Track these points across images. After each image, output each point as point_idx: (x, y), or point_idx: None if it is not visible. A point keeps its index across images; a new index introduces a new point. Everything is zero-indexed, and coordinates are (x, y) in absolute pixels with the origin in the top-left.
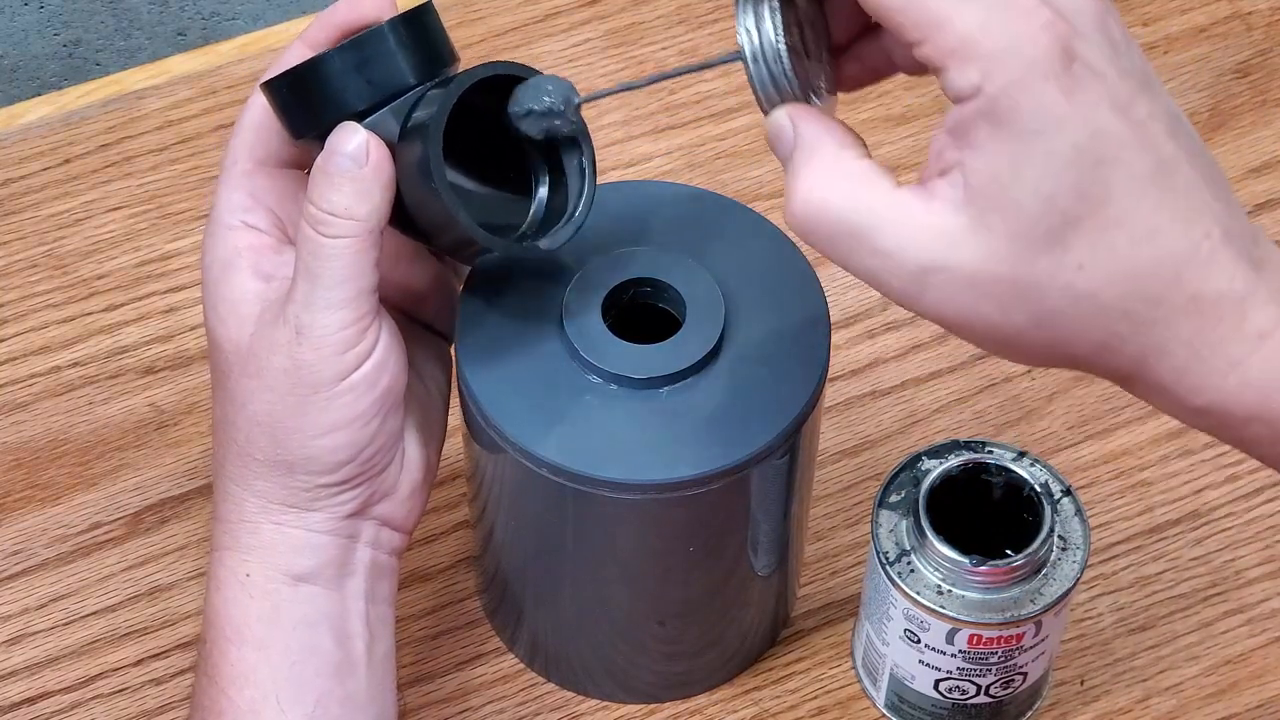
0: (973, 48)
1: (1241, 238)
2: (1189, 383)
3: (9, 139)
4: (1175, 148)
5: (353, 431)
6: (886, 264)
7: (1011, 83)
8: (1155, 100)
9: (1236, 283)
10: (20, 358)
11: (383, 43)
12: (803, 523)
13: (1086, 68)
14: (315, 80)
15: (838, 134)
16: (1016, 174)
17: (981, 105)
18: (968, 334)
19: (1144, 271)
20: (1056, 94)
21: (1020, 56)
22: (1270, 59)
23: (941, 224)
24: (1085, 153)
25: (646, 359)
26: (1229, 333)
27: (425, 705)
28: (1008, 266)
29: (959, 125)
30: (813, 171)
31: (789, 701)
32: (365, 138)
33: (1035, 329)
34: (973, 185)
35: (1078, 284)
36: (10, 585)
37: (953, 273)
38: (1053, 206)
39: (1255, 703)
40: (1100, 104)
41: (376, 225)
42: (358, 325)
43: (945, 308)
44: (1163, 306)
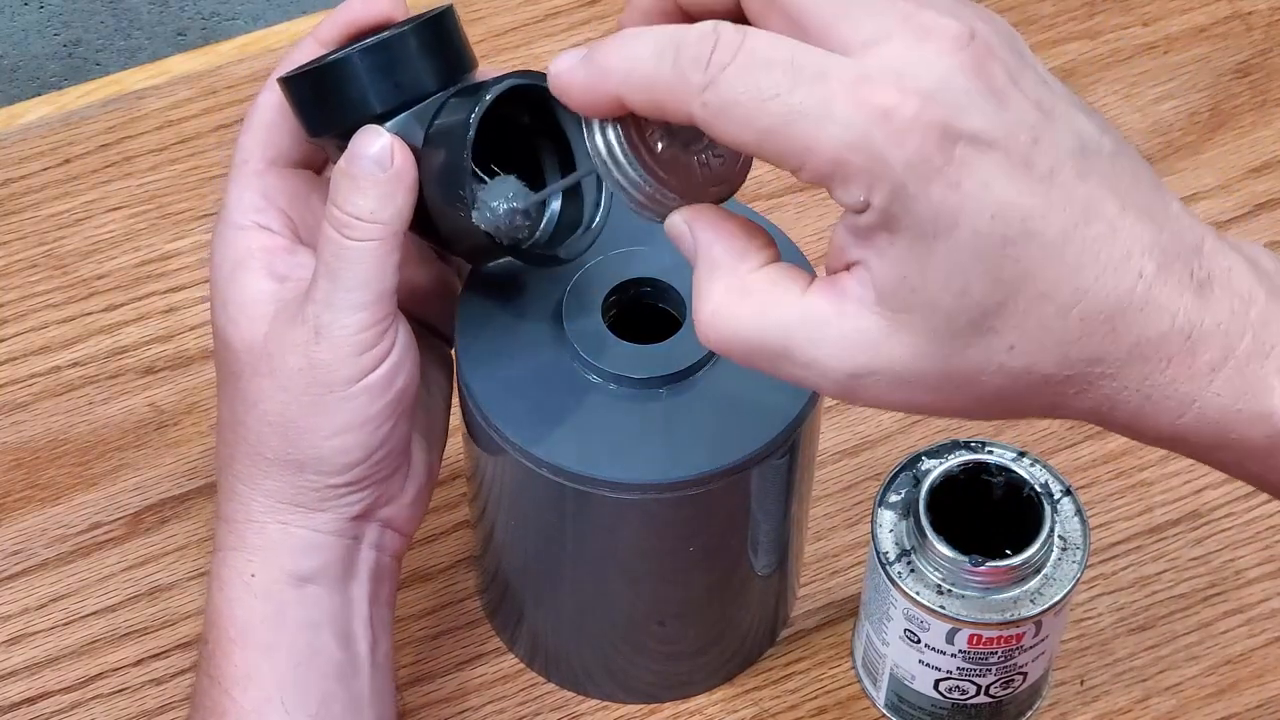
0: (846, 167)
1: (1182, 257)
2: (1146, 424)
3: (9, 139)
4: (1089, 188)
5: (365, 433)
6: (811, 375)
7: (895, 192)
8: (1058, 141)
9: (1179, 318)
10: (20, 358)
11: (409, 46)
12: (803, 523)
13: (970, 144)
14: (338, 80)
15: (736, 240)
16: (924, 276)
17: (873, 219)
18: (912, 413)
19: (1077, 335)
20: (944, 190)
21: (895, 165)
22: (1270, 59)
23: (859, 329)
24: (989, 239)
25: (646, 359)
26: (1179, 373)
27: (425, 705)
28: (935, 363)
29: (857, 230)
30: (714, 290)
31: (789, 701)
32: (389, 141)
33: (980, 407)
34: (882, 288)
35: (1011, 363)
36: (10, 585)
37: (880, 374)
38: (969, 300)
39: (1255, 703)
40: (994, 180)
41: (400, 228)
42: (377, 327)
43: (882, 401)
44: (1104, 362)
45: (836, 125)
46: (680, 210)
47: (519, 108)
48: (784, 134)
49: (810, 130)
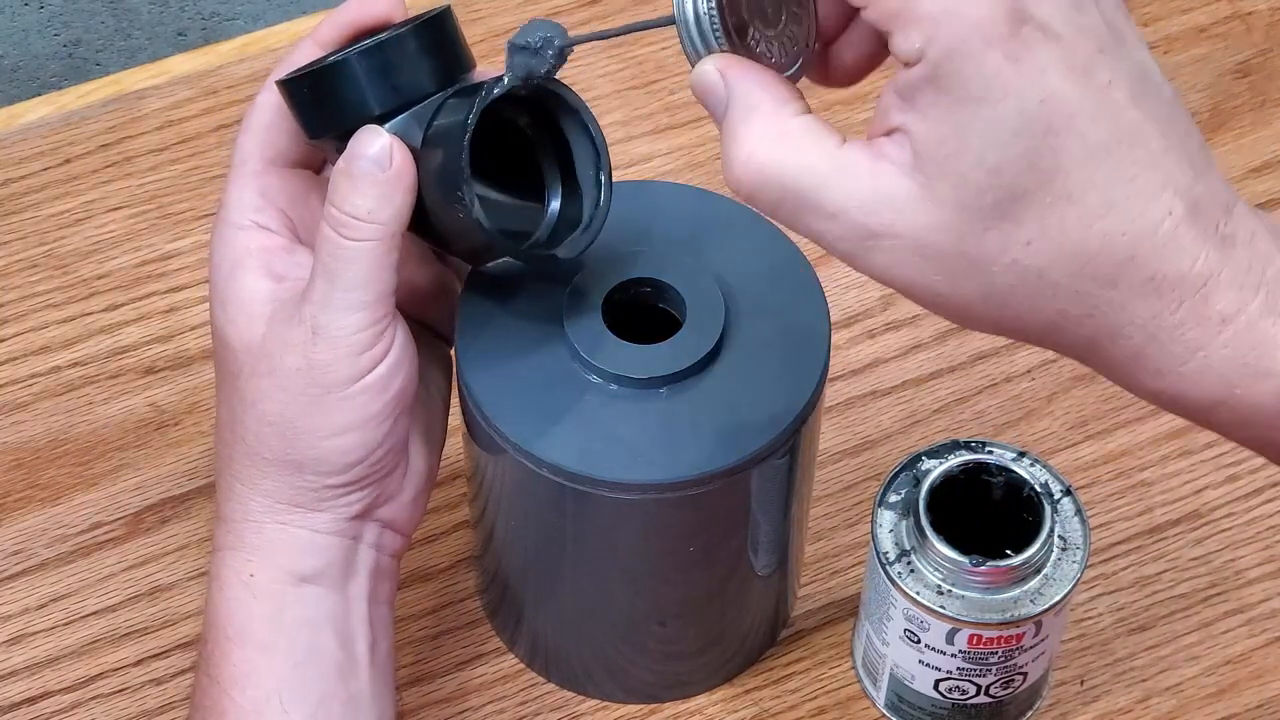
0: (913, 9)
1: (1210, 211)
2: (1146, 366)
3: (9, 139)
4: (1140, 114)
5: (364, 433)
6: (832, 226)
7: (954, 48)
8: (1120, 61)
9: (1199, 264)
10: (20, 358)
11: (407, 47)
12: (803, 523)
13: (1039, 29)
14: (337, 82)
15: (775, 88)
16: (962, 143)
17: (925, 71)
18: (916, 299)
19: (1096, 250)
20: (1001, 59)
21: (962, 20)
22: (1270, 59)
23: (890, 188)
24: (1034, 121)
25: (646, 359)
26: (1189, 317)
27: (425, 705)
28: (955, 238)
29: (905, 88)
30: (752, 132)
31: (789, 701)
32: (388, 141)
33: (983, 303)
34: (919, 151)
35: (1025, 260)
36: (10, 585)
37: (900, 239)
38: (999, 179)
39: (1255, 703)
40: (1052, 68)
41: (398, 229)
42: (375, 328)
43: (893, 272)
44: (1117, 288)
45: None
46: (712, 58)
47: (517, 108)
48: None
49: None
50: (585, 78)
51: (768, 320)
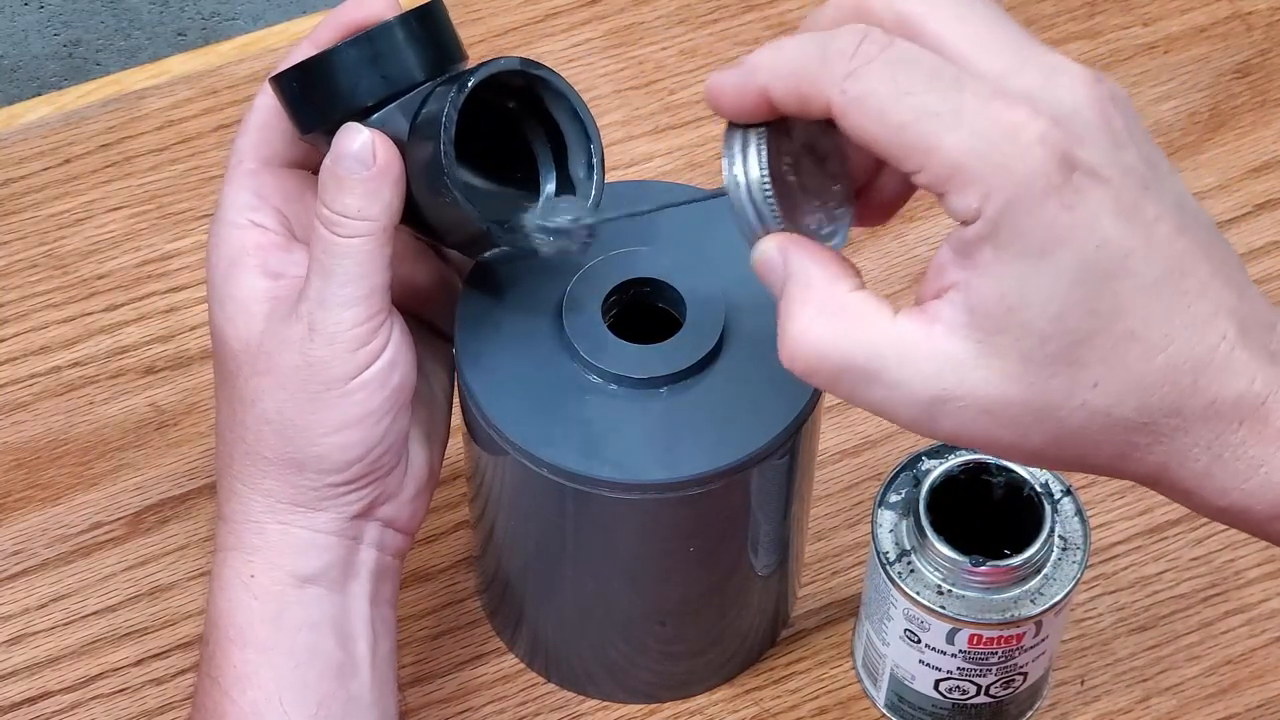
0: (966, 173)
1: (1259, 329)
2: (1212, 486)
3: (9, 139)
4: (1186, 244)
5: (363, 430)
6: (894, 397)
7: (1010, 204)
8: (1163, 194)
9: (1256, 384)
10: (20, 358)
11: (392, 37)
12: (803, 523)
13: (1088, 175)
14: (323, 74)
15: (829, 265)
16: (1024, 295)
17: (982, 229)
18: (988, 451)
19: (1160, 383)
20: (1058, 210)
21: (1015, 177)
22: (1270, 59)
23: (948, 351)
24: (1092, 268)
25: (646, 359)
26: (1250, 435)
27: (425, 705)
28: (1020, 390)
29: (963, 245)
30: (807, 309)
31: (789, 701)
32: (370, 137)
33: (1054, 446)
34: (978, 308)
35: (1094, 401)
36: (10, 585)
37: (964, 401)
38: (1063, 326)
39: (1255, 703)
40: (1104, 213)
41: (390, 223)
42: (370, 323)
43: (961, 435)
44: (1181, 415)
45: (964, 130)
46: (773, 236)
47: (506, 95)
48: (912, 131)
49: (938, 131)
50: (585, 78)
51: (768, 320)
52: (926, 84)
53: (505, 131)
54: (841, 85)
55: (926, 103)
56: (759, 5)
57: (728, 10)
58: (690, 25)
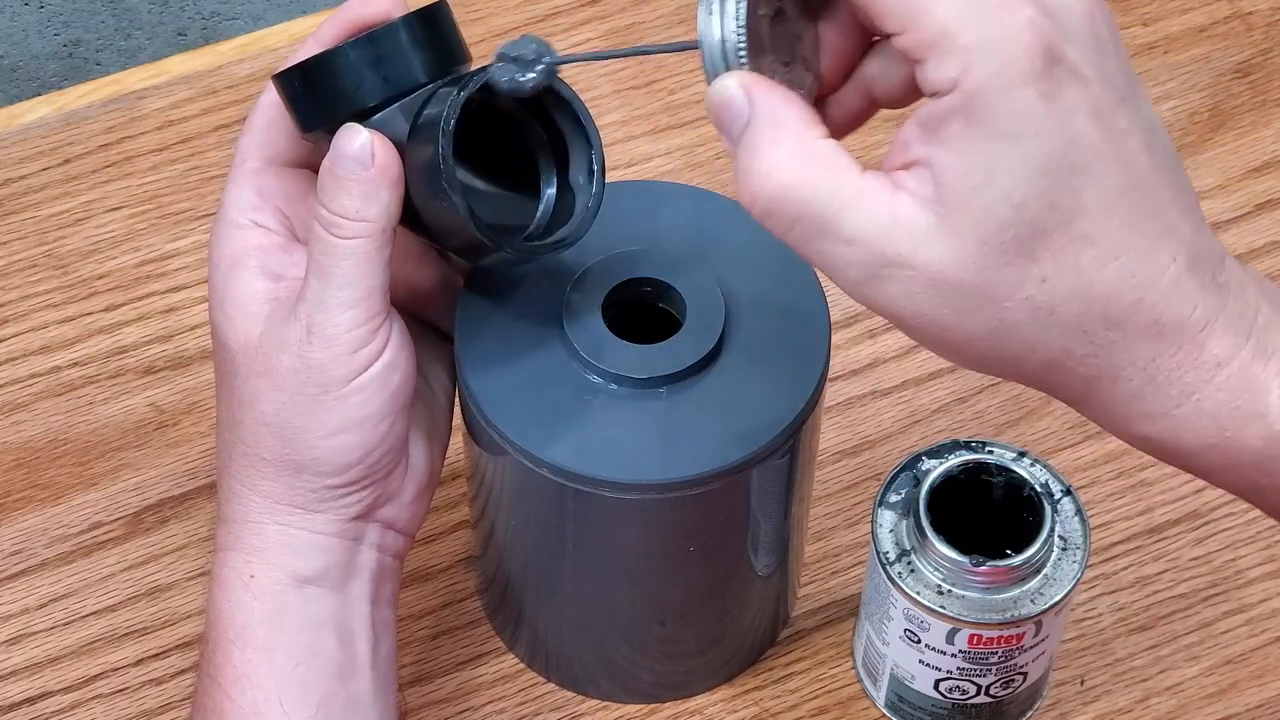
0: (951, 40)
1: (1208, 261)
2: (1140, 408)
3: (9, 139)
4: (1150, 164)
5: (362, 432)
6: (845, 253)
7: (989, 81)
8: (1137, 111)
9: (1198, 310)
10: (20, 358)
11: (397, 39)
12: (803, 523)
13: (1069, 71)
14: (327, 73)
15: (801, 109)
16: (988, 177)
17: (956, 101)
18: (918, 334)
19: (1107, 292)
20: (1035, 97)
21: (1000, 54)
22: (1270, 59)
23: (908, 218)
24: (1060, 161)
25: (646, 359)
26: (1185, 360)
27: (425, 705)
28: (972, 272)
29: (932, 119)
30: (777, 149)
31: (789, 701)
32: (368, 139)
33: (987, 338)
34: (942, 183)
35: (1038, 297)
36: (10, 585)
37: (914, 270)
38: (1023, 214)
39: (1255, 703)
40: (1080, 111)
41: (388, 224)
42: (369, 325)
43: (900, 304)
44: (1122, 329)
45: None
46: (733, 73)
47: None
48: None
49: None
50: (585, 78)
51: (768, 320)
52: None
53: (507, 134)
54: None
55: None
56: None
57: None
58: (690, 25)
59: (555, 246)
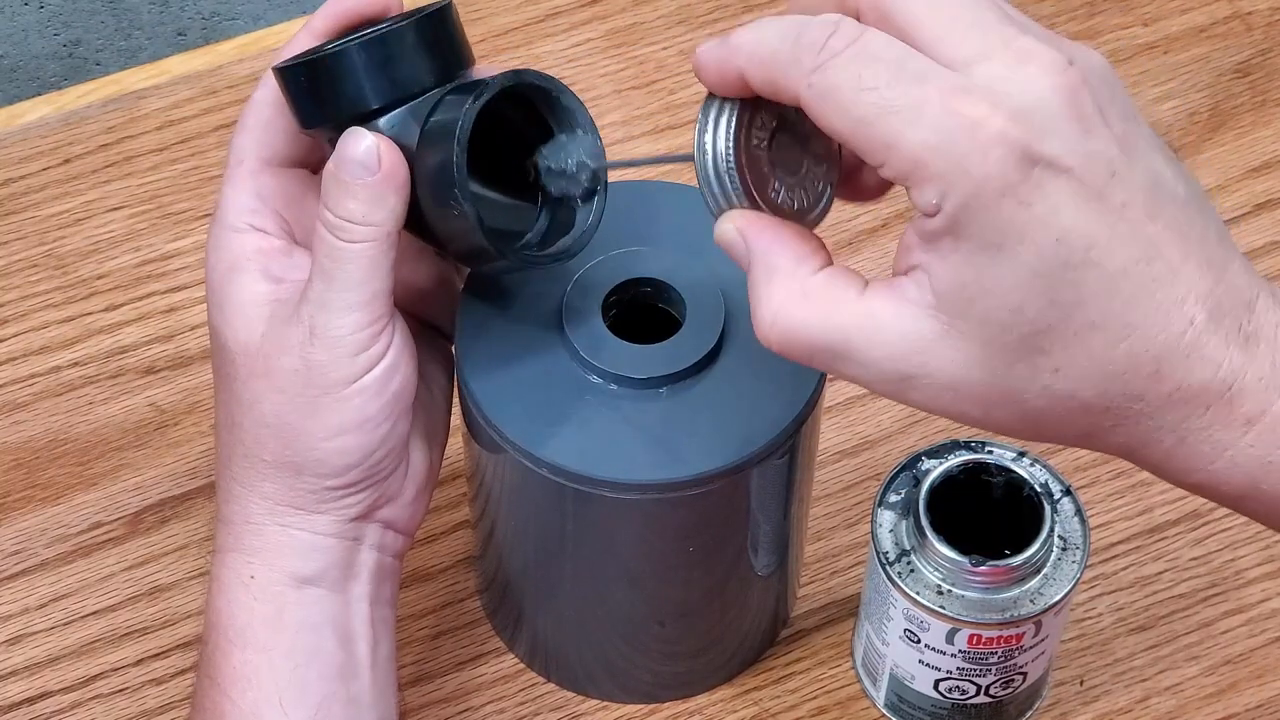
0: (925, 169)
1: (1233, 312)
2: (1177, 465)
3: (9, 139)
4: (1157, 227)
5: (362, 434)
6: (866, 374)
7: (967, 202)
8: (1132, 178)
9: (1222, 369)
10: (20, 358)
11: (406, 41)
12: (803, 523)
13: (1048, 168)
14: (336, 73)
15: (794, 245)
16: (982, 287)
17: (941, 223)
18: (957, 421)
19: (1121, 370)
20: (1014, 207)
21: (972, 176)
22: (1270, 59)
23: (914, 331)
24: (1051, 260)
25: (646, 359)
26: (1216, 419)
27: (425, 705)
28: (984, 373)
29: (926, 233)
30: (774, 294)
31: (789, 701)
32: (374, 143)
33: (1020, 423)
34: (940, 292)
35: (1056, 386)
36: (10, 585)
37: (932, 379)
38: (1023, 316)
39: (1255, 703)
40: (1065, 205)
41: (393, 229)
42: (372, 328)
43: (931, 407)
44: (1144, 400)
45: (923, 128)
46: (732, 216)
47: (513, 106)
48: (874, 127)
49: (898, 128)
50: (585, 78)
51: None
52: (890, 79)
53: (510, 140)
54: (809, 79)
55: (888, 99)
56: (759, 5)
57: (728, 10)
58: (690, 25)
59: (558, 257)
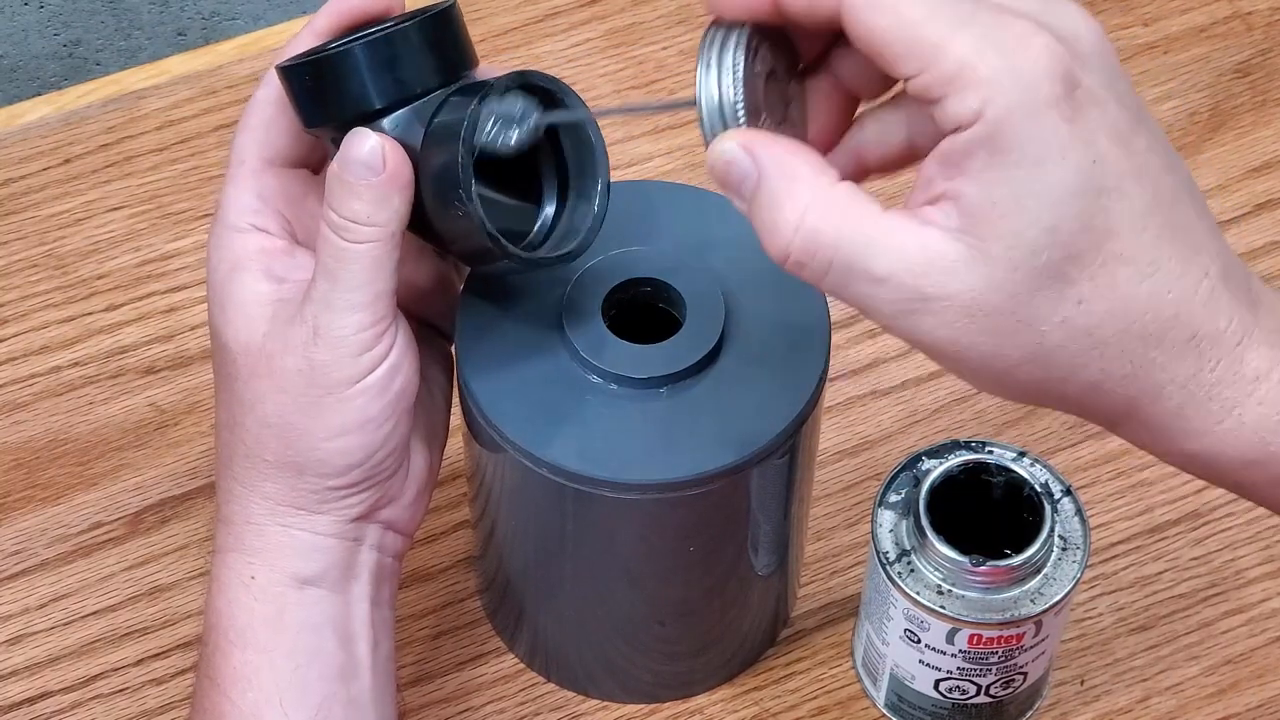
0: (971, 73)
1: (1239, 276)
2: (1183, 425)
3: (9, 139)
4: (1172, 182)
5: (364, 435)
6: (880, 291)
7: (1013, 108)
8: (1152, 133)
9: (1234, 324)
10: (20, 358)
11: (411, 41)
12: (803, 523)
13: (1087, 94)
14: (340, 72)
15: (811, 157)
16: (1018, 203)
17: (980, 132)
18: (958, 366)
19: (1144, 309)
20: (1059, 120)
21: (1021, 81)
22: (1270, 59)
23: (939, 250)
24: (1088, 182)
25: (646, 359)
26: (1225, 375)
27: (425, 705)
28: (1006, 298)
29: (953, 154)
30: (800, 197)
31: (789, 701)
32: (378, 144)
33: (1029, 363)
34: (970, 213)
35: (1077, 319)
36: (10, 585)
37: (950, 301)
38: (1055, 238)
39: (1255, 703)
40: (1101, 132)
41: (397, 229)
42: (375, 328)
43: (939, 336)
44: (1161, 346)
45: (976, 30)
46: (732, 133)
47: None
48: (925, 27)
49: (949, 29)
50: (585, 78)
51: (768, 320)
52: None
53: None
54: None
55: (941, 2)
56: None
57: None
58: (690, 25)
59: (561, 258)
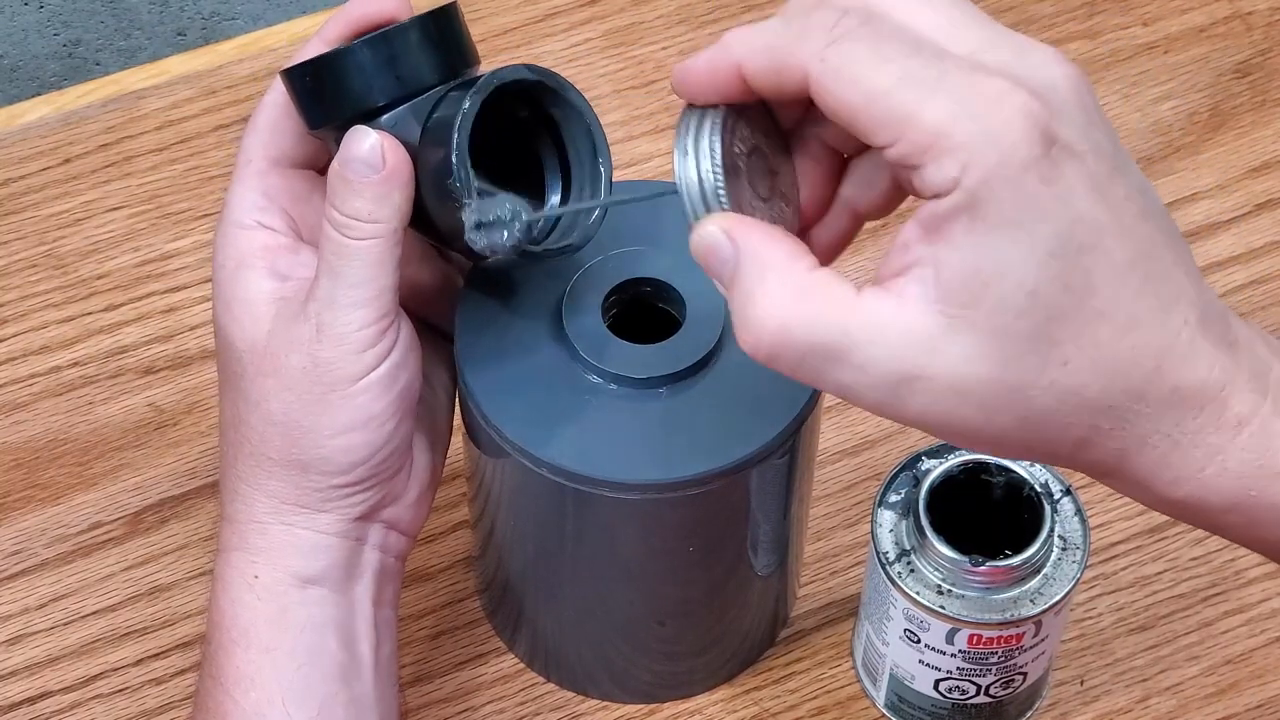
0: (946, 140)
1: (1218, 320)
2: (1169, 475)
3: (9, 139)
4: (1150, 229)
5: (368, 432)
6: (861, 379)
7: (990, 174)
8: (1129, 177)
9: (1215, 370)
10: (20, 358)
11: (409, 39)
12: (803, 523)
13: (1064, 150)
14: (339, 71)
15: (786, 243)
16: (998, 268)
17: (960, 199)
18: (950, 437)
19: (1127, 364)
20: (1037, 182)
21: (998, 145)
22: (1270, 59)
23: (918, 328)
24: (1068, 242)
25: (646, 359)
26: (1209, 422)
27: (425, 705)
28: (991, 367)
29: (934, 219)
30: (769, 291)
31: (789, 701)
32: (378, 141)
33: (1019, 429)
34: (948, 282)
35: (1063, 381)
36: (10, 585)
37: (934, 380)
38: (1037, 301)
39: (1255, 703)
40: (1079, 188)
41: (399, 226)
42: (378, 325)
43: (927, 415)
44: (1145, 399)
45: (946, 97)
46: (713, 217)
47: (517, 103)
48: (894, 97)
49: (919, 97)
50: (585, 78)
51: None
52: (909, 52)
53: (515, 138)
54: (821, 54)
55: (908, 69)
56: (759, 5)
57: (728, 10)
58: (690, 25)
59: (562, 251)
